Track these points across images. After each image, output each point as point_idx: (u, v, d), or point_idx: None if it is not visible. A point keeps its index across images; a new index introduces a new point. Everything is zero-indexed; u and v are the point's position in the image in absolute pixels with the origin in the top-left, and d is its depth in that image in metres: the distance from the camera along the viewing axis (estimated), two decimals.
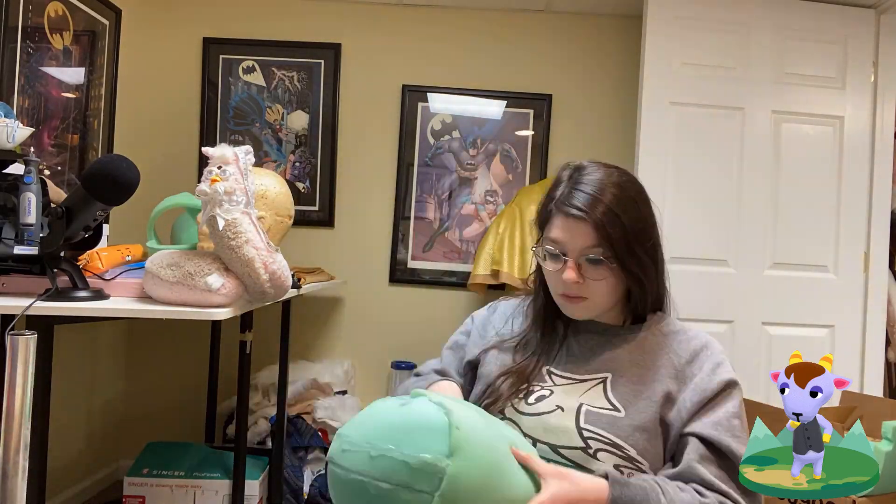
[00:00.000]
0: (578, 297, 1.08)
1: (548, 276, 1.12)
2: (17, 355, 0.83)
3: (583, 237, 1.04)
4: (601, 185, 1.05)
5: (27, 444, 0.83)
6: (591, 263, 1.05)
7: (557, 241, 1.07)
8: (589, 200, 1.04)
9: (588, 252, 1.05)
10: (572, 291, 1.07)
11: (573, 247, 1.06)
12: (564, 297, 1.09)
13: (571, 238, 1.05)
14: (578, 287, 1.07)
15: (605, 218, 1.03)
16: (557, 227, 1.07)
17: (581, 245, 1.05)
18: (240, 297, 1.52)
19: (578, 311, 1.10)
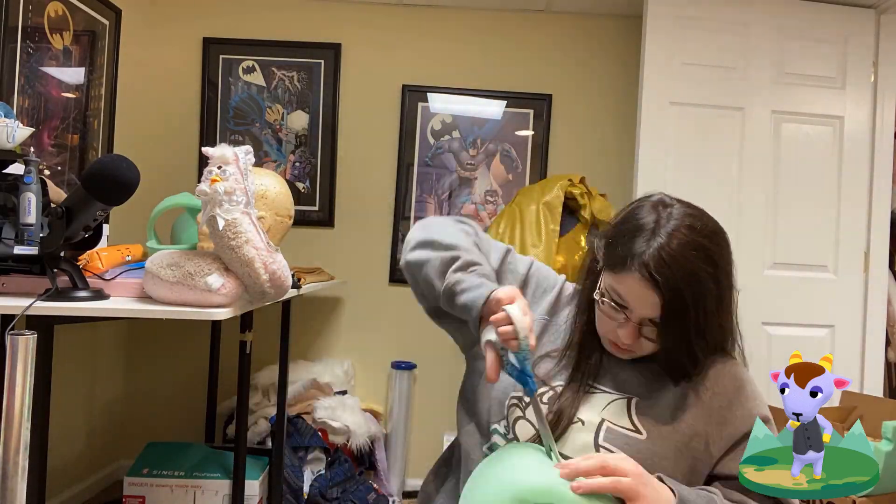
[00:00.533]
0: (628, 350, 1.04)
1: (599, 316, 1.06)
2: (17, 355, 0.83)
3: (651, 308, 0.98)
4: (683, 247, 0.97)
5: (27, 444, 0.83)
6: (649, 324, 1.01)
7: (623, 298, 1.00)
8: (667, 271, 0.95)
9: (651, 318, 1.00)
10: (623, 343, 1.03)
11: (638, 310, 0.99)
12: (613, 345, 1.05)
13: (639, 304, 0.99)
14: (631, 340, 1.02)
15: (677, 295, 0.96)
16: (628, 285, 0.98)
17: (647, 314, 0.99)
18: (240, 297, 1.52)
19: (623, 356, 1.06)
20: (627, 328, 1.00)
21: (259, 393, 2.85)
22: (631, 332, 1.00)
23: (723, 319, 1.10)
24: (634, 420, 1.01)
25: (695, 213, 1.04)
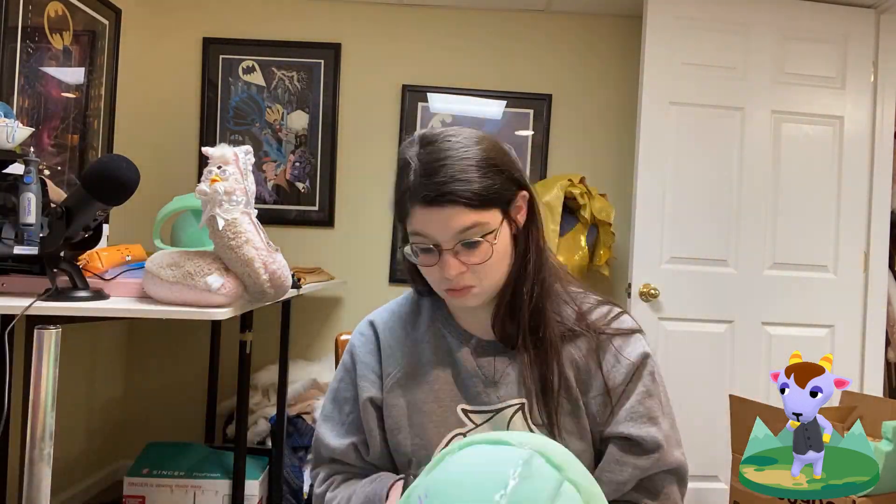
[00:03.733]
0: (466, 288, 0.94)
1: (426, 273, 0.97)
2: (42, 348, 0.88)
3: (454, 222, 0.89)
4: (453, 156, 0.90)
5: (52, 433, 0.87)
6: (468, 247, 0.91)
7: (423, 233, 0.92)
8: (447, 177, 0.89)
9: (461, 237, 0.90)
10: (457, 284, 0.93)
11: (443, 235, 0.91)
12: (450, 291, 0.95)
13: (438, 226, 0.90)
14: (462, 276, 0.92)
15: (474, 191, 0.89)
16: (418, 219, 0.91)
17: (451, 231, 0.90)
18: (240, 297, 1.52)
19: (469, 300, 0.96)
20: (445, 261, 0.91)
21: (259, 393, 2.85)
22: (453, 263, 0.91)
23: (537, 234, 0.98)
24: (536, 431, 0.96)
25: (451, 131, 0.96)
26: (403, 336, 1.06)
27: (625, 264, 2.81)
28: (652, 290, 2.61)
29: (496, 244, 0.92)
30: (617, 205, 2.84)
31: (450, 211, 0.89)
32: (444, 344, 1.03)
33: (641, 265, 2.62)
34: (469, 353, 1.01)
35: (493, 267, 0.93)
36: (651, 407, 0.96)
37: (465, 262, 0.92)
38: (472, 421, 0.99)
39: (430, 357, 1.03)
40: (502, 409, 0.98)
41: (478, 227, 0.90)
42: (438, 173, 0.89)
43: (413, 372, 1.02)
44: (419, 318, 1.07)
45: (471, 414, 0.99)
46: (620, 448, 0.95)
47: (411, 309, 1.09)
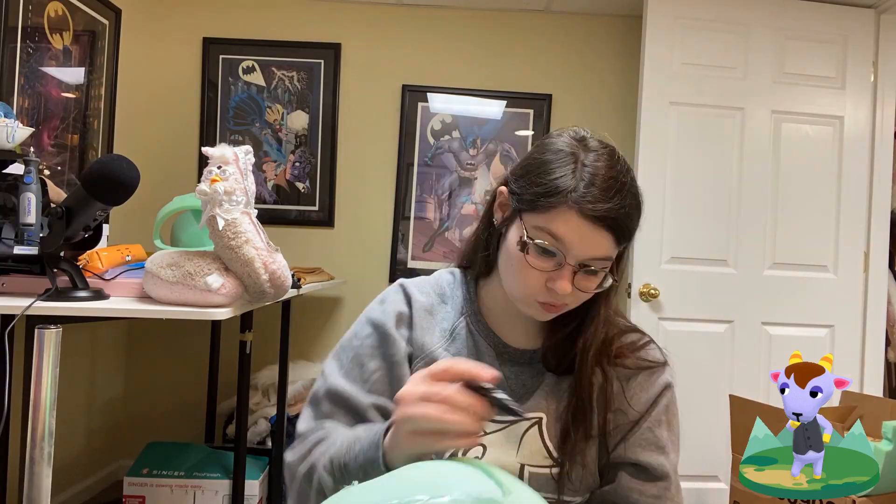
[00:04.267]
0: (561, 306, 0.89)
1: (523, 272, 0.88)
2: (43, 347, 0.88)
3: (598, 248, 0.85)
4: (620, 180, 0.86)
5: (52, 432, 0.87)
6: (588, 273, 0.87)
7: (562, 240, 0.84)
8: (619, 208, 0.84)
9: (593, 263, 0.86)
10: (558, 301, 0.87)
11: (579, 252, 0.84)
12: (545, 305, 0.89)
13: (582, 245, 0.84)
14: (565, 297, 0.87)
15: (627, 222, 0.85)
16: (566, 224, 0.83)
17: (592, 255, 0.85)
18: (239, 297, 1.52)
19: (549, 317, 0.91)
20: (563, 275, 0.85)
21: (259, 393, 2.85)
22: (567, 283, 0.84)
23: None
24: (550, 447, 0.93)
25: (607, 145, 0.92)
26: (432, 317, 0.98)
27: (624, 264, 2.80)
28: (652, 290, 2.61)
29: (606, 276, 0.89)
30: None
31: (606, 237, 0.84)
32: (471, 341, 0.98)
33: (641, 265, 2.62)
34: (495, 358, 0.98)
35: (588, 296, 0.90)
36: (660, 436, 0.95)
37: (576, 284, 0.86)
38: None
39: (457, 352, 0.97)
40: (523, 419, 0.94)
41: (609, 261, 0.87)
42: (615, 195, 0.84)
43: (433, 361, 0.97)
44: (449, 304, 1.00)
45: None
46: (626, 475, 0.95)
47: (446, 291, 1.02)
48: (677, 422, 0.99)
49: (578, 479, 0.94)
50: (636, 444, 0.95)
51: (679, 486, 0.97)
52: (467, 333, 0.98)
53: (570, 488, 0.93)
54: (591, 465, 0.95)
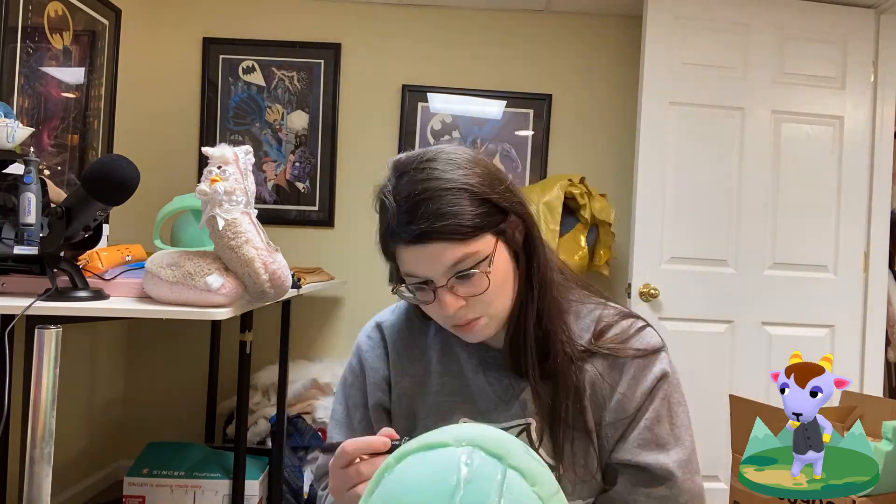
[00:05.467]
0: (472, 322, 0.89)
1: (427, 311, 0.92)
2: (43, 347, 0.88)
3: (439, 260, 0.85)
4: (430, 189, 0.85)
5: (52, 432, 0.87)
6: (464, 279, 0.86)
7: (413, 273, 0.88)
8: (428, 214, 0.83)
9: (453, 271, 0.86)
10: (461, 319, 0.89)
11: (433, 272, 0.86)
12: (457, 328, 0.90)
13: (426, 266, 0.86)
14: (466, 310, 0.88)
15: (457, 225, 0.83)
16: (406, 260, 0.87)
17: (441, 268, 0.85)
18: (240, 297, 1.52)
19: (477, 333, 0.91)
20: (445, 297, 0.86)
21: (259, 393, 2.85)
22: (450, 299, 0.86)
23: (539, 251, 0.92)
24: (542, 453, 0.91)
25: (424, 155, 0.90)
26: (411, 341, 1.02)
27: (625, 264, 2.81)
28: (652, 290, 2.61)
29: (491, 272, 0.86)
30: (617, 205, 2.84)
31: (435, 248, 0.84)
32: (452, 354, 0.99)
33: (641, 265, 2.62)
34: (478, 364, 0.97)
35: (496, 294, 0.88)
36: (660, 433, 0.92)
37: (464, 296, 0.87)
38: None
39: (437, 367, 0.99)
40: (507, 428, 0.93)
41: (469, 258, 0.85)
42: (418, 210, 0.83)
43: (419, 382, 1.00)
44: (428, 323, 1.02)
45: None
46: (630, 479, 0.92)
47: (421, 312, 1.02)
48: (682, 410, 0.95)
49: (578, 481, 0.92)
50: (634, 444, 0.92)
51: (691, 478, 0.93)
52: (446, 349, 0.99)
53: (568, 492, 0.90)
54: (591, 466, 0.93)
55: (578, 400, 0.91)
